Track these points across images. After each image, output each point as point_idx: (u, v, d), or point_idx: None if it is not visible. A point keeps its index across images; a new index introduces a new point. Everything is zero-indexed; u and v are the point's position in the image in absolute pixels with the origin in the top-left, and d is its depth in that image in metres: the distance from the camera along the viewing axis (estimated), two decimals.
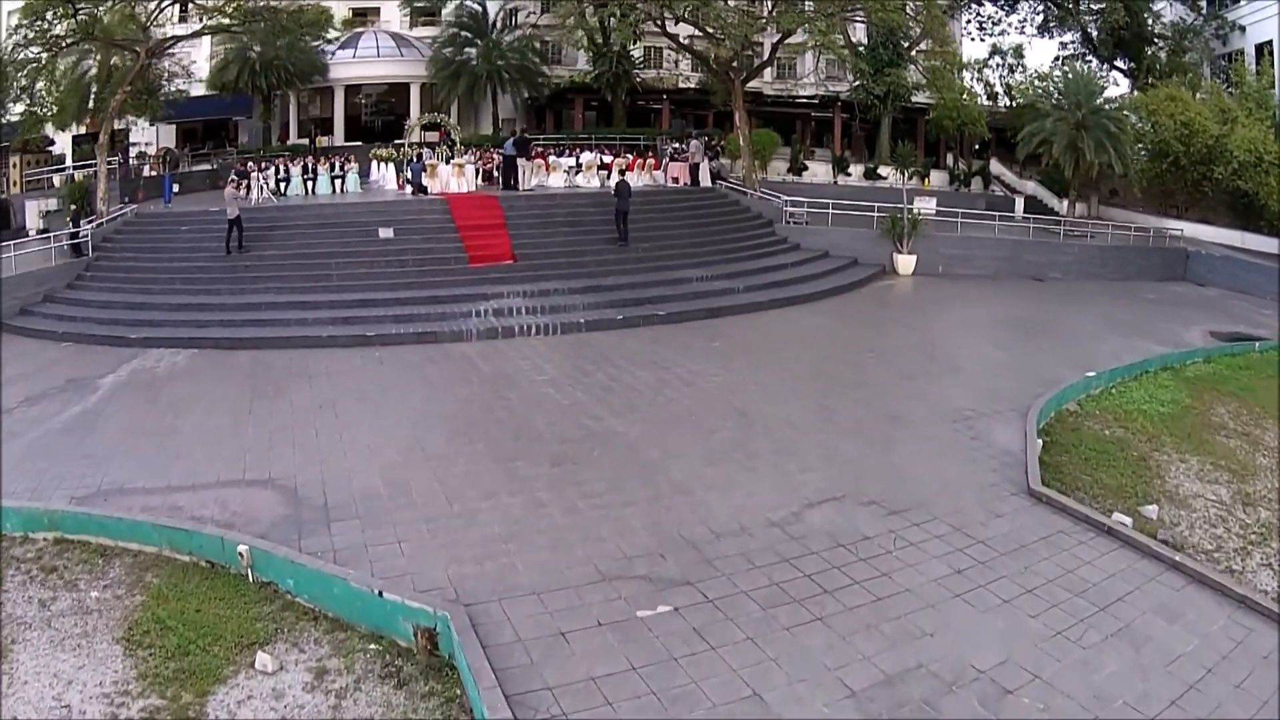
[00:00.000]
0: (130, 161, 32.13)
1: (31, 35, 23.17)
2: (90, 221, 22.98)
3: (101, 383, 15.05)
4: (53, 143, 32.08)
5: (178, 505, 9.72)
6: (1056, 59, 41.88)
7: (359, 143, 41.88)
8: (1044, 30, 42.20)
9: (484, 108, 44.49)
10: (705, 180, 30.10)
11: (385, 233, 20.96)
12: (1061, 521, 9.57)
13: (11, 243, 21.42)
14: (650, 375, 14.91)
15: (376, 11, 47.06)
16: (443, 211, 22.72)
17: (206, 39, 36.71)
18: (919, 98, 39.07)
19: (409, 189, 25.61)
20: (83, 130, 34.28)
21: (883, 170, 38.05)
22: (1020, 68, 41.46)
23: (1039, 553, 8.87)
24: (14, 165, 30.31)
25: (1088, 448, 11.87)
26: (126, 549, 8.75)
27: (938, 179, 38.80)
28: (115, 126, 36.38)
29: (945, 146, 41.92)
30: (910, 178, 35.49)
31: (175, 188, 23.40)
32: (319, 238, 21.52)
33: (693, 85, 43.59)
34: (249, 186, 25.91)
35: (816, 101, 42.45)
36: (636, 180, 30.39)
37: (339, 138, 43.81)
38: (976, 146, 40.82)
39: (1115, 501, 10.25)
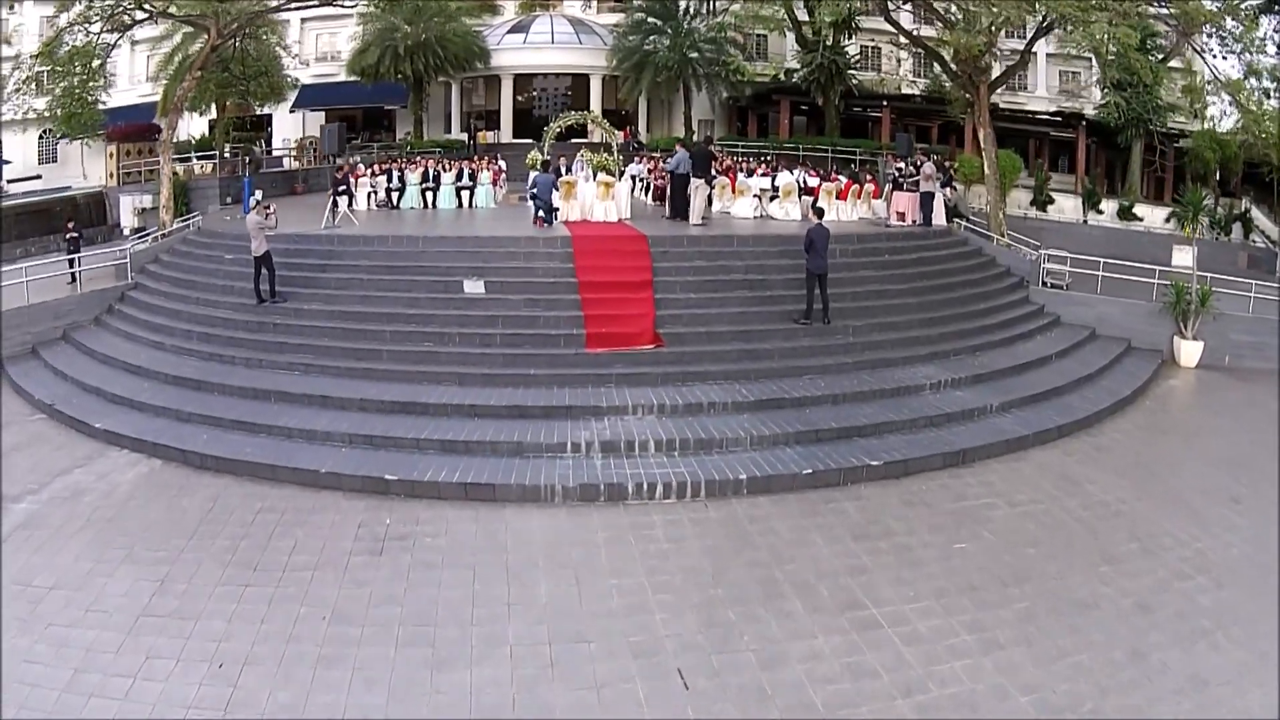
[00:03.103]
0: (259, 155, 28.12)
1: (83, 11, 18.74)
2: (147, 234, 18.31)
3: (12, 509, 10.07)
4: (159, 130, 28.39)
5: None
6: None
7: (530, 140, 36.88)
8: None
9: (676, 106, 38.86)
10: (939, 218, 21.60)
11: (472, 287, 14.14)
12: None
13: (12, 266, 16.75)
14: (838, 653, 7.20)
15: None
16: (564, 256, 15.43)
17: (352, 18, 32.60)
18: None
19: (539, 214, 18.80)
20: (217, 115, 30.71)
21: (1139, 209, 29.70)
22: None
23: None
24: (110, 155, 26.58)
25: None
26: None
27: None
28: (256, 113, 32.97)
29: (1197, 183, 32.93)
30: (1182, 224, 26.95)
31: (258, 194, 18.26)
32: (381, 289, 14.85)
33: (917, 91, 35.88)
34: (351, 199, 20.45)
35: (1059, 118, 33.43)
36: (851, 212, 22.39)
37: (506, 134, 39.23)
38: (1219, 181, 33.32)
39: None
